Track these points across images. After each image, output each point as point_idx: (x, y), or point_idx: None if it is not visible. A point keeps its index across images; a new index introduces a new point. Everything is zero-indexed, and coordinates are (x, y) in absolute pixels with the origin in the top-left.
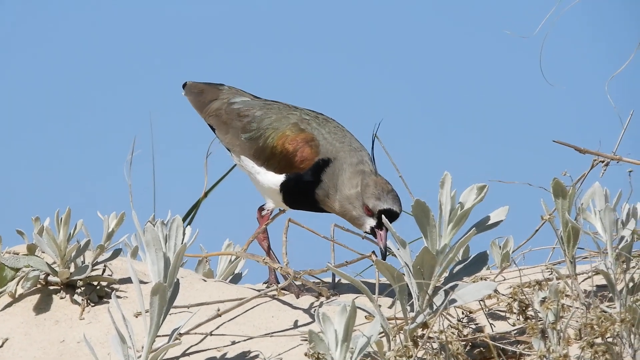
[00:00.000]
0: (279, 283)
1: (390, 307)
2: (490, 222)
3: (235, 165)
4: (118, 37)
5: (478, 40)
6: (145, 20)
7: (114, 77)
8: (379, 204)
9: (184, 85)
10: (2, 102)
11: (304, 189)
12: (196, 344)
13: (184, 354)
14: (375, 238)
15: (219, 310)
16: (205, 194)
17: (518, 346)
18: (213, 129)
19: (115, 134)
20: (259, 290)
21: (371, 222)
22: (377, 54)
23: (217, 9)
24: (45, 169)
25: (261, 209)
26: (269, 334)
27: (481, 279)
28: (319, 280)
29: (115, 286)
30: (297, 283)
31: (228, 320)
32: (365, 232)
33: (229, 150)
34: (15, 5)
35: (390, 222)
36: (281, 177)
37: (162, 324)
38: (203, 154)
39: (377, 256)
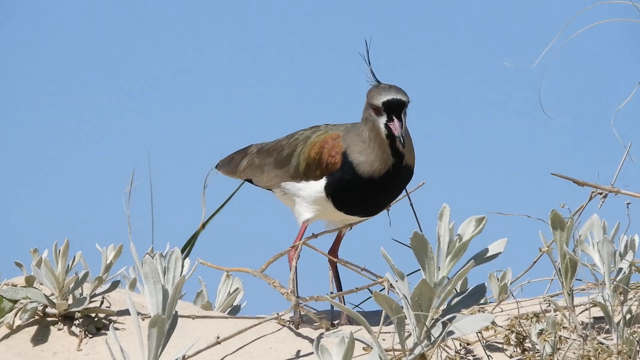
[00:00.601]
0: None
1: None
2: (488, 254)
3: (232, 196)
4: (114, 68)
5: (477, 72)
6: (142, 49)
7: (112, 108)
8: (380, 97)
9: (217, 166)
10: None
11: (347, 182)
12: None
13: None
14: (394, 134)
15: (218, 337)
16: (203, 226)
17: None
18: (251, 181)
19: (114, 166)
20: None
21: (383, 120)
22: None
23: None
24: (43, 200)
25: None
26: None
27: (479, 310)
28: (316, 311)
29: (113, 318)
30: (301, 313)
31: (229, 354)
32: (385, 134)
33: (270, 189)
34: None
35: (398, 114)
36: (322, 181)
37: (160, 355)
38: (201, 186)
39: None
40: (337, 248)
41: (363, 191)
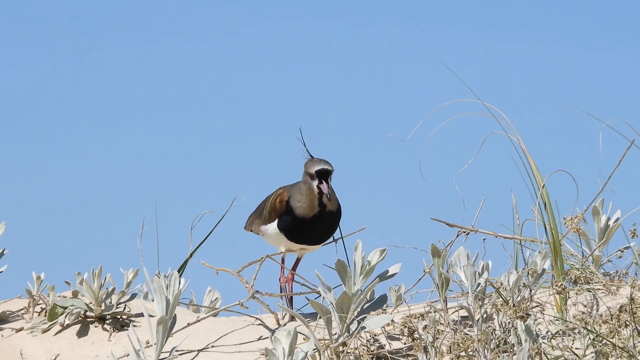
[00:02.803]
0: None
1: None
2: (388, 274)
3: (210, 233)
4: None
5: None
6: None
7: (127, 162)
8: (314, 167)
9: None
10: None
11: (289, 220)
12: (189, 359)
13: None
14: (322, 192)
15: (198, 317)
16: (191, 255)
17: (408, 358)
18: (252, 232)
19: (131, 215)
20: (244, 315)
21: (316, 183)
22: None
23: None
24: (83, 236)
25: (282, 277)
26: (239, 347)
27: (382, 312)
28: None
29: (132, 319)
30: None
31: (212, 342)
32: (318, 192)
33: (258, 234)
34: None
35: (326, 178)
36: (276, 221)
37: (165, 343)
38: (191, 226)
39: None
40: (296, 267)
41: (299, 226)
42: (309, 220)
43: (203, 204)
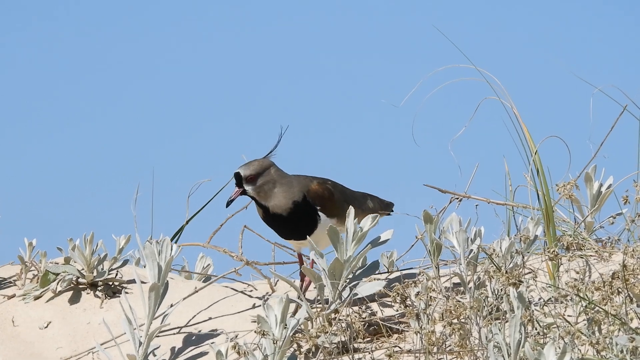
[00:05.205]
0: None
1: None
2: (380, 240)
3: (207, 203)
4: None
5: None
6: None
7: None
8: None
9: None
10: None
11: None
12: (180, 326)
13: (171, 331)
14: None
15: (195, 288)
16: (187, 222)
17: (400, 325)
18: None
19: (128, 179)
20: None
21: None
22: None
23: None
24: (76, 203)
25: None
26: (231, 315)
27: (374, 279)
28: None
29: (124, 285)
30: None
31: (202, 310)
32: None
33: None
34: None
35: (237, 182)
36: None
37: (157, 310)
38: (188, 193)
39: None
40: (300, 262)
41: (268, 225)
42: (266, 222)
43: (203, 173)
